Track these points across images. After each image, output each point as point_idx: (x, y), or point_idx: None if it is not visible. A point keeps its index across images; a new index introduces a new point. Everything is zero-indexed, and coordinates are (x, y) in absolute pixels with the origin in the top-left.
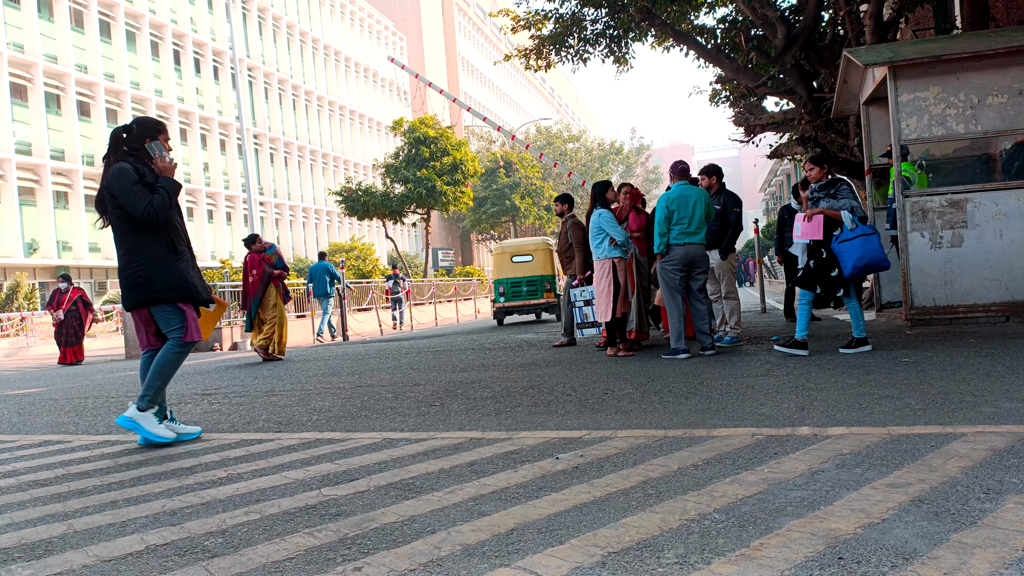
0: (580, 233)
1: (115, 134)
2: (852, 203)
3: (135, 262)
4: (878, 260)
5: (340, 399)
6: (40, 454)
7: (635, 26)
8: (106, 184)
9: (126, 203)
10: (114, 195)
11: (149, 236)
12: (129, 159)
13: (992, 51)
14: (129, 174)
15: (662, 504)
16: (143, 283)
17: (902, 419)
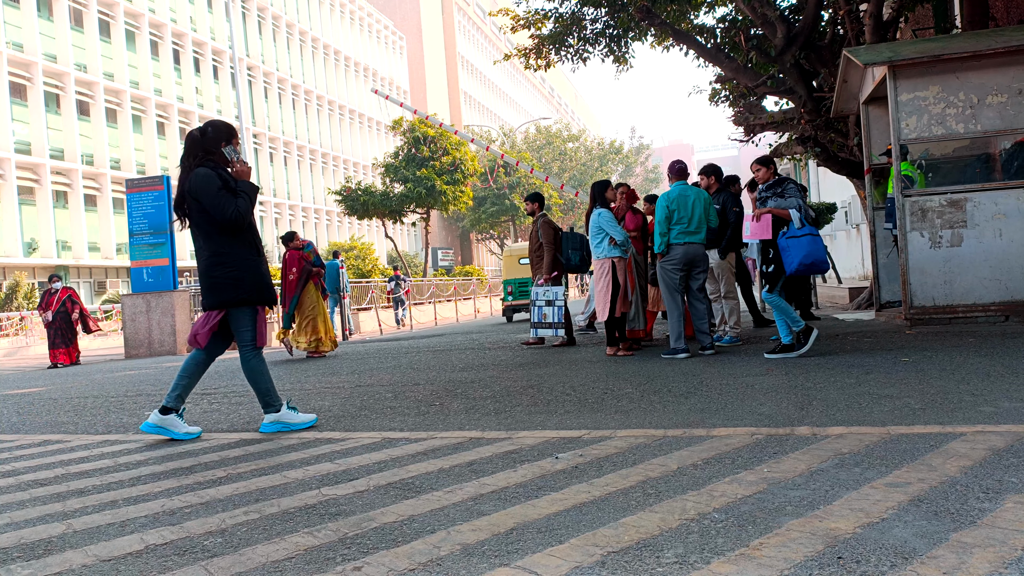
0: (550, 232)
1: (191, 138)
2: (799, 202)
3: (224, 264)
4: (820, 261)
5: (339, 399)
6: (39, 454)
7: (635, 25)
8: (188, 188)
9: (212, 208)
10: (198, 199)
11: (236, 238)
12: (209, 163)
13: (992, 51)
14: (213, 179)
15: (662, 504)
16: (232, 285)
17: (901, 419)
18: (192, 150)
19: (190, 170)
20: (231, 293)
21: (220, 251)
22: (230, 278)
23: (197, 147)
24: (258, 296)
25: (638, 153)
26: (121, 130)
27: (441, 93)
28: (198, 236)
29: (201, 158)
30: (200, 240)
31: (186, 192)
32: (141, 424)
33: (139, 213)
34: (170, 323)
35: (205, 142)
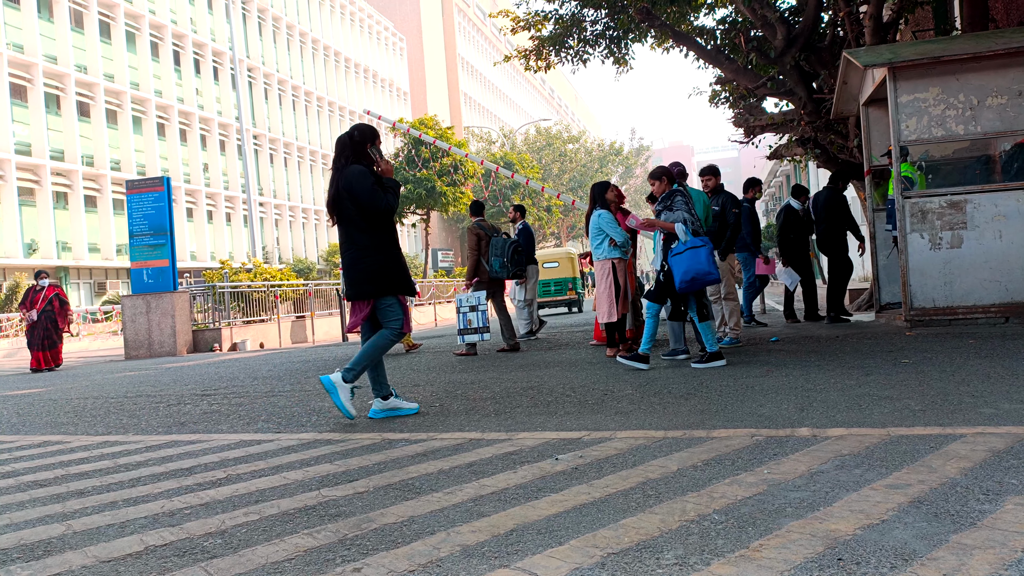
0: (473, 239)
1: (342, 140)
2: (685, 215)
3: (371, 256)
4: (703, 274)
5: None
6: (39, 455)
7: (635, 27)
8: (344, 186)
9: (368, 202)
10: (353, 194)
11: (384, 234)
12: (362, 163)
13: (992, 52)
14: (367, 176)
15: (661, 505)
16: (379, 276)
17: (901, 420)
18: (343, 151)
19: (342, 170)
20: (380, 283)
21: (370, 244)
22: (378, 271)
23: (347, 149)
24: (402, 287)
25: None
26: (121, 131)
27: (441, 94)
28: (349, 230)
29: (352, 158)
30: (351, 234)
31: (341, 189)
32: (369, 412)
33: (139, 214)
34: (170, 324)
35: (354, 144)
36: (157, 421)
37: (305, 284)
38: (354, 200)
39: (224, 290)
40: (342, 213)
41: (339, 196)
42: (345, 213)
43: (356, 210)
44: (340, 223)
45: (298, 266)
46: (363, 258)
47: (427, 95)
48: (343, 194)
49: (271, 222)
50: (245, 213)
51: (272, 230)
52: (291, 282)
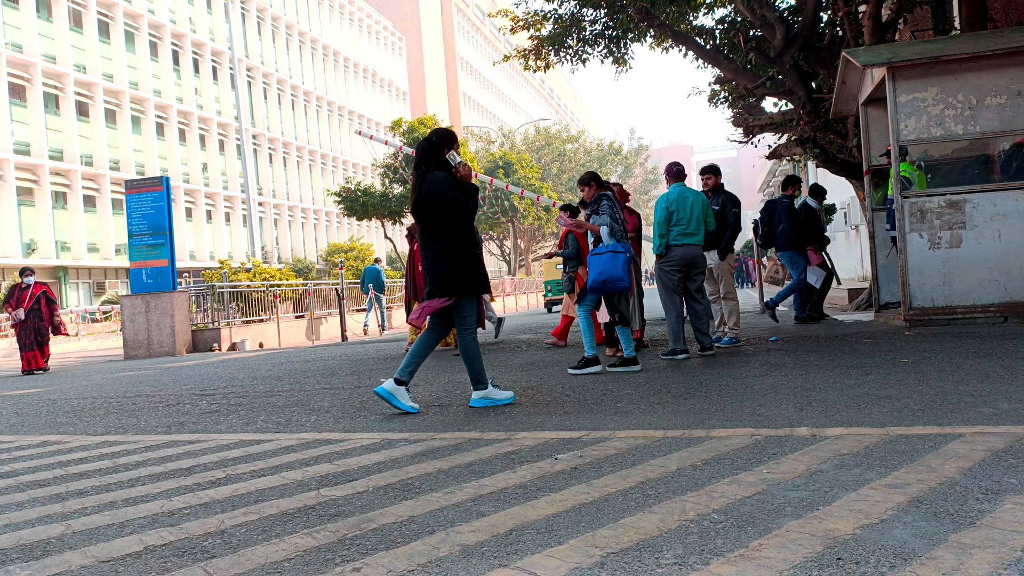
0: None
1: (421, 148)
2: (608, 220)
3: (455, 257)
4: (616, 279)
5: (339, 399)
6: (38, 455)
7: (634, 27)
8: (427, 191)
9: (451, 207)
10: (438, 200)
11: (465, 236)
12: (444, 168)
13: (991, 52)
14: (449, 181)
15: (661, 505)
16: (462, 275)
17: (901, 420)
18: (424, 158)
19: (424, 175)
20: (461, 283)
21: (452, 245)
22: (460, 270)
23: (427, 155)
24: (481, 286)
25: (637, 154)
26: (120, 131)
27: (440, 94)
28: (431, 232)
29: (433, 164)
30: (432, 236)
31: (424, 194)
32: (375, 388)
33: (138, 214)
34: (169, 324)
35: (432, 149)
36: (156, 421)
37: (304, 284)
38: (437, 205)
39: (223, 290)
40: (425, 217)
41: (421, 201)
42: (428, 217)
43: (439, 214)
44: (423, 225)
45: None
46: (447, 259)
47: (426, 95)
48: (426, 199)
49: (270, 222)
50: (244, 213)
51: (271, 230)
52: (290, 282)
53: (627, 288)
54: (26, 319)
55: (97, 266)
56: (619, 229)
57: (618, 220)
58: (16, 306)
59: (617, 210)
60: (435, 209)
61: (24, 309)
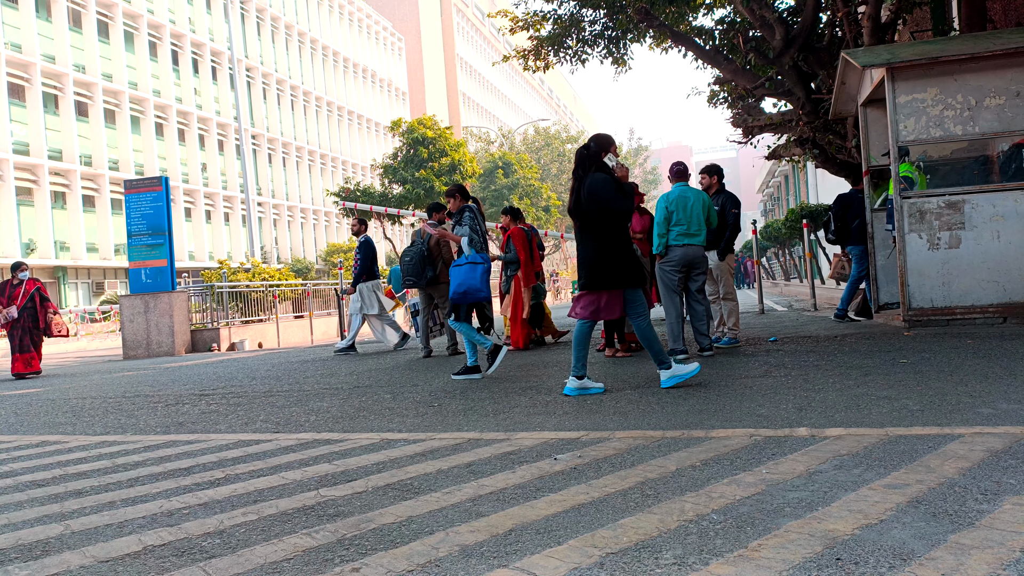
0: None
1: (581, 153)
2: (470, 232)
3: (615, 253)
4: (475, 290)
5: (338, 399)
6: (37, 455)
7: (633, 27)
8: (589, 192)
9: (611, 206)
10: (599, 201)
11: (622, 233)
12: (603, 171)
13: (990, 53)
14: (610, 183)
15: (660, 505)
16: (623, 270)
17: (900, 420)
18: (583, 162)
19: (583, 178)
20: (618, 277)
21: (612, 242)
22: (621, 264)
23: (587, 160)
24: (637, 279)
25: (637, 154)
26: (119, 131)
27: (440, 94)
28: (591, 230)
29: (592, 168)
30: (592, 233)
31: (584, 195)
32: (563, 390)
33: (137, 214)
34: (168, 324)
35: (591, 155)
36: (155, 421)
37: (304, 284)
38: (598, 205)
39: (222, 290)
40: (585, 216)
41: (581, 201)
42: (588, 215)
43: (599, 213)
44: (582, 224)
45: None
46: (606, 255)
47: (426, 95)
48: (586, 199)
49: (269, 222)
50: (243, 213)
51: (270, 230)
52: (289, 282)
53: (486, 298)
54: (20, 317)
55: (96, 266)
56: (478, 240)
57: (478, 232)
58: (8, 304)
59: (479, 222)
60: (595, 208)
61: (17, 307)
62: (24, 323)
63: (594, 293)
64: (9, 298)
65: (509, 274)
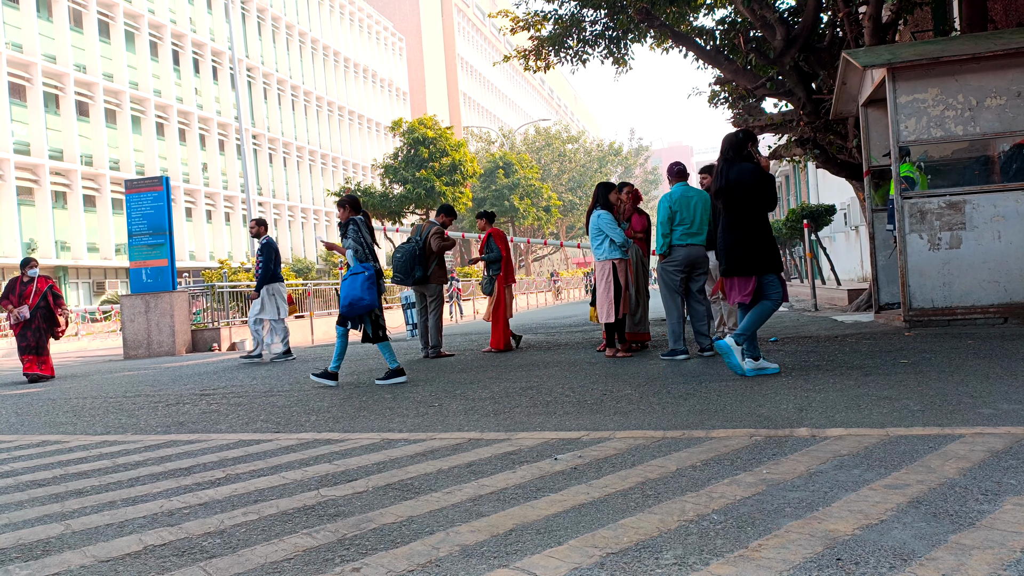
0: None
1: (730, 139)
2: (354, 244)
3: (760, 239)
4: (357, 299)
5: (338, 399)
6: (38, 454)
7: (634, 27)
8: (736, 179)
9: (757, 195)
10: (747, 189)
11: (765, 221)
12: (751, 160)
13: (991, 53)
14: (759, 172)
15: (660, 505)
16: (768, 256)
17: (900, 420)
18: (731, 147)
19: (732, 163)
20: (760, 263)
21: (757, 229)
22: (766, 251)
23: (737, 146)
24: (778, 265)
25: (637, 154)
26: (120, 131)
27: (440, 94)
28: (735, 216)
29: (737, 157)
30: (737, 220)
31: (732, 180)
32: (746, 371)
33: (138, 214)
34: (168, 324)
35: (740, 143)
36: (156, 421)
37: (304, 284)
38: (746, 192)
39: (223, 290)
40: (731, 202)
41: (730, 186)
42: (734, 202)
43: (744, 201)
44: (727, 209)
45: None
46: (749, 241)
47: (426, 95)
48: (734, 186)
49: (270, 221)
50: (244, 213)
51: (271, 230)
52: (290, 282)
53: (369, 306)
54: (32, 318)
55: (97, 266)
56: (363, 252)
57: (363, 243)
58: (19, 302)
59: (363, 234)
60: (742, 196)
61: (29, 306)
62: (38, 323)
63: (743, 278)
64: (20, 297)
65: (491, 274)
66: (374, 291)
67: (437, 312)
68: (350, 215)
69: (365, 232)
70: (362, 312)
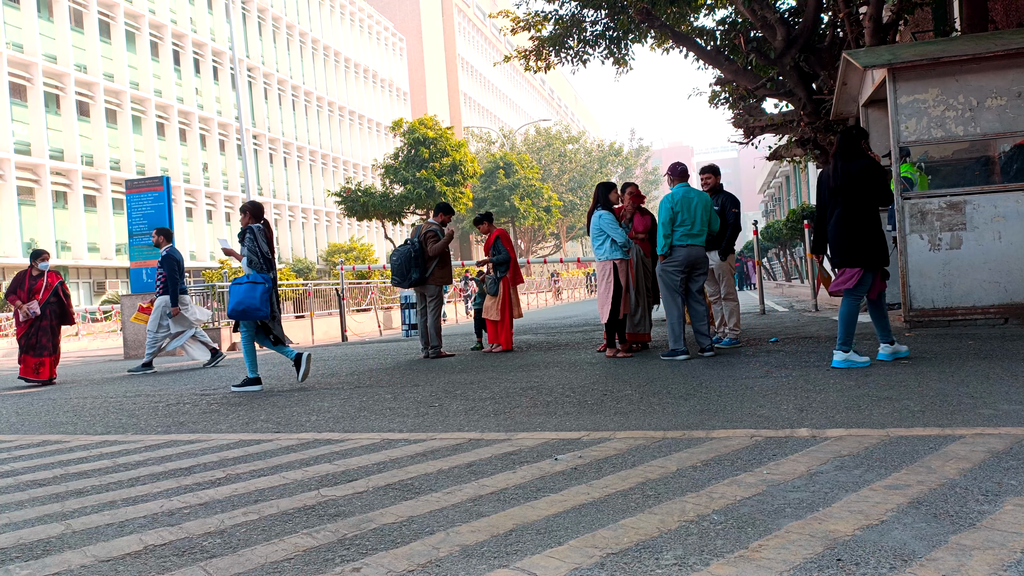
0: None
1: (848, 133)
2: (249, 254)
3: (875, 234)
4: (254, 308)
5: (339, 399)
6: (38, 454)
7: (635, 27)
8: (859, 176)
9: (874, 190)
10: (868, 185)
11: (876, 216)
12: (868, 156)
13: (991, 53)
14: (877, 168)
15: (661, 505)
16: (879, 250)
17: (901, 421)
18: (849, 143)
19: (850, 158)
20: (870, 257)
21: (872, 224)
22: (878, 245)
23: (854, 141)
24: (884, 260)
25: (638, 155)
26: (121, 131)
27: (441, 95)
28: (853, 211)
29: (855, 151)
30: (853, 213)
31: (854, 178)
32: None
33: (138, 214)
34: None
35: (855, 139)
36: (156, 421)
37: (304, 284)
38: (866, 188)
39: (223, 290)
40: (849, 196)
41: (851, 183)
42: (851, 196)
43: (862, 195)
44: (845, 204)
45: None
46: (865, 234)
47: (427, 95)
48: (856, 181)
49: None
50: None
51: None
52: (290, 282)
53: (265, 316)
54: (42, 315)
55: (97, 266)
56: (258, 261)
57: (257, 252)
58: (28, 297)
59: (258, 243)
60: (861, 192)
61: (39, 301)
62: (49, 320)
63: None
64: (29, 291)
65: (498, 275)
66: (269, 303)
67: (437, 313)
68: (249, 222)
69: (261, 241)
70: (251, 319)
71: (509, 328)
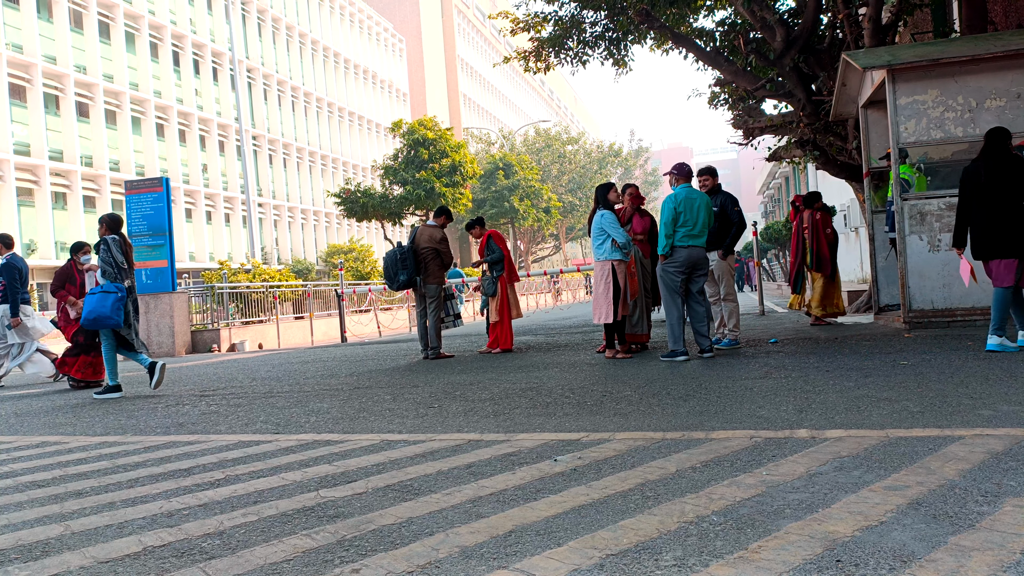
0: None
1: (999, 135)
2: (102, 264)
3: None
4: (105, 317)
5: (338, 400)
6: (37, 455)
7: (634, 28)
8: (1015, 173)
9: None
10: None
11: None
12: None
13: (990, 54)
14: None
15: (660, 506)
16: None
17: (900, 422)
18: (999, 142)
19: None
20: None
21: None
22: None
23: (1002, 139)
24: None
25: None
26: (120, 132)
27: (441, 95)
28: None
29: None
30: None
31: (1011, 175)
32: (986, 346)
33: (138, 214)
34: (168, 324)
35: (1002, 139)
36: (155, 422)
37: (304, 285)
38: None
39: (223, 291)
40: (1004, 192)
41: (1008, 180)
42: (1008, 193)
43: (1016, 192)
44: (997, 199)
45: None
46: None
47: (426, 96)
48: (1013, 178)
49: (270, 223)
50: (244, 214)
51: (271, 231)
52: (290, 283)
53: (117, 324)
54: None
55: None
56: (112, 271)
57: (111, 263)
58: (79, 294)
59: (112, 254)
60: (1014, 187)
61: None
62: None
63: (1010, 260)
64: (80, 287)
65: (494, 275)
66: (122, 311)
67: (436, 313)
68: (105, 233)
69: (116, 252)
70: (103, 328)
71: (509, 328)
